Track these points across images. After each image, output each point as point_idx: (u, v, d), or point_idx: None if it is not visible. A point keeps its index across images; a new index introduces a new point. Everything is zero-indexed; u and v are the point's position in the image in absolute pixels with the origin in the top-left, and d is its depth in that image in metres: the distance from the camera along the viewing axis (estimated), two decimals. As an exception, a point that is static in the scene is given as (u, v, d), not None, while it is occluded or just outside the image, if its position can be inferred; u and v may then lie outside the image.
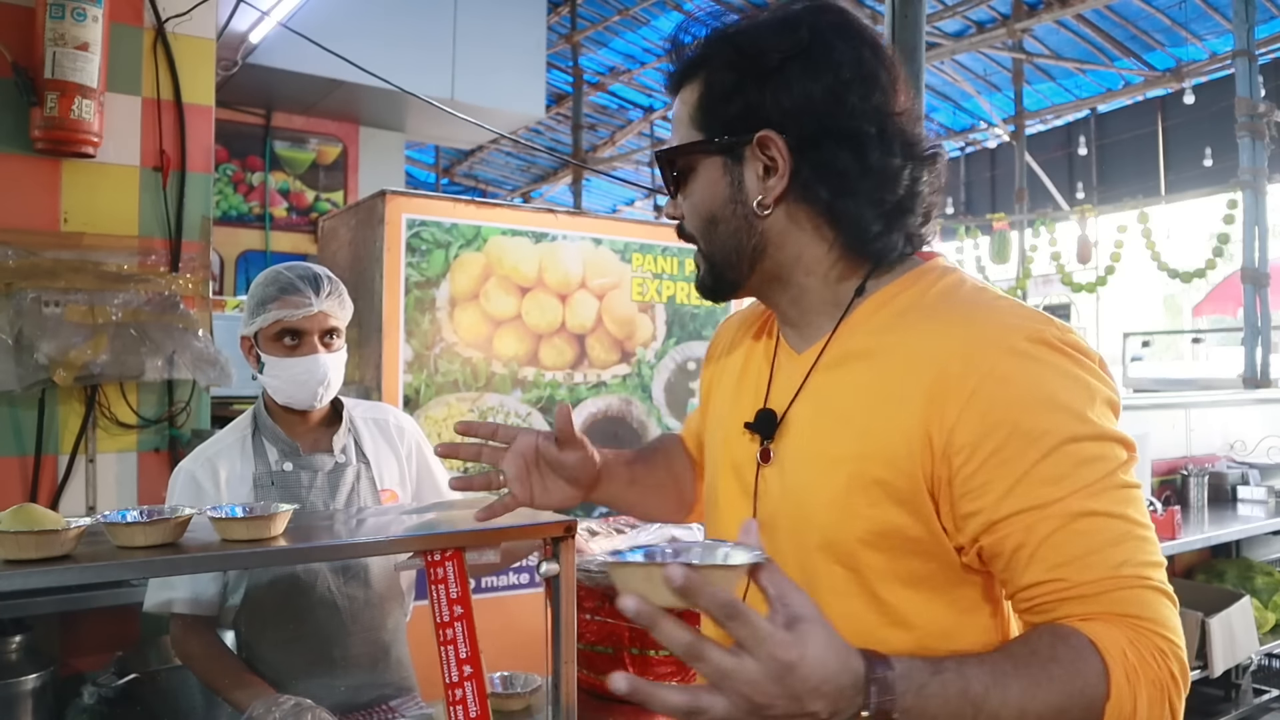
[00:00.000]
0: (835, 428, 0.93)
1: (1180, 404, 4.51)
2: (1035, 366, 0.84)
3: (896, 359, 0.90)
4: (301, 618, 1.77)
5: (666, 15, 10.50)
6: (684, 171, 0.99)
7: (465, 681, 1.35)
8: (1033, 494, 0.82)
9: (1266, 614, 3.97)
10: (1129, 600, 0.80)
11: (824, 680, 0.70)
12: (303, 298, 1.77)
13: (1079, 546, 0.81)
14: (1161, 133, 11.38)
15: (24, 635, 2.21)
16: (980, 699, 0.75)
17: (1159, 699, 0.78)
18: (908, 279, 0.97)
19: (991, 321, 0.88)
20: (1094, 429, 0.83)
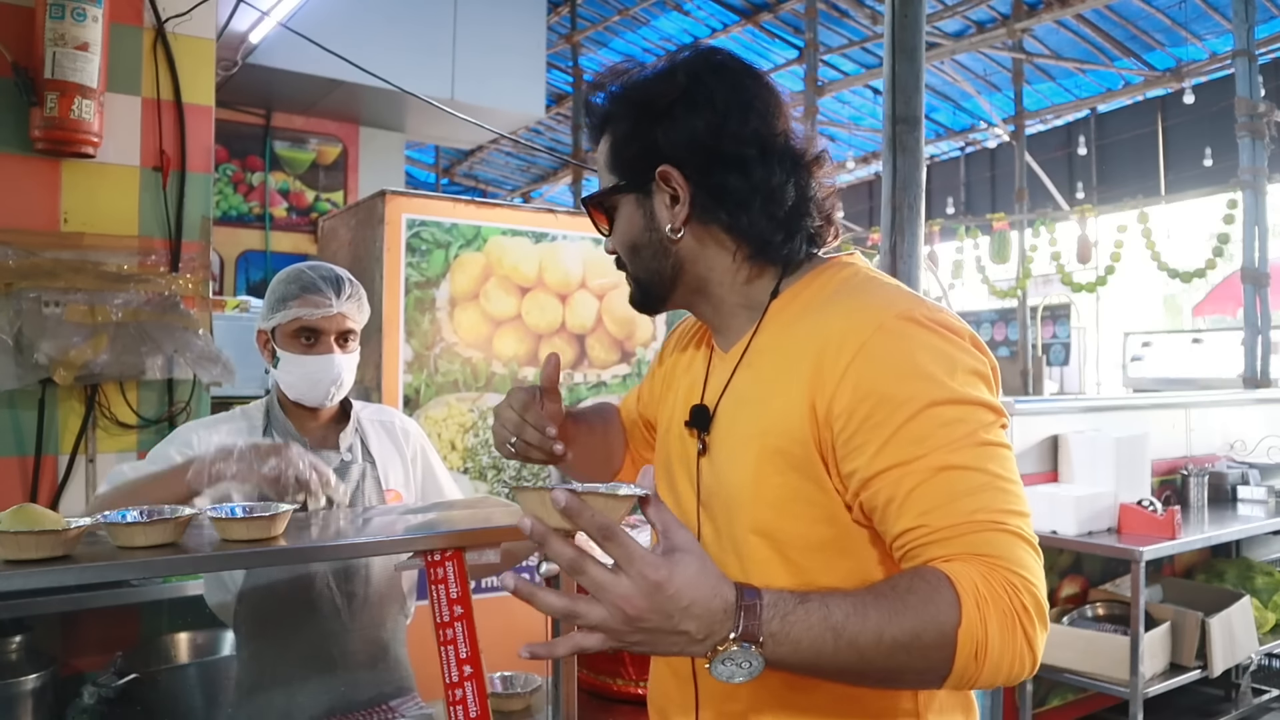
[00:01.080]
0: (746, 412, 1.06)
1: (1180, 404, 4.51)
2: (901, 341, 0.95)
3: (792, 345, 1.03)
4: (302, 616, 1.78)
5: (666, 15, 10.52)
6: (609, 211, 1.14)
7: (465, 681, 1.35)
8: (899, 452, 0.91)
9: (1266, 614, 3.96)
10: (983, 542, 0.88)
11: (693, 602, 0.81)
12: (324, 298, 1.79)
13: (940, 496, 0.90)
14: (1161, 133, 11.38)
15: (24, 635, 2.21)
16: (840, 625, 0.84)
17: (1010, 626, 0.85)
18: (810, 277, 1.10)
19: (867, 304, 1.00)
20: (954, 394, 0.92)
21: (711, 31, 10.57)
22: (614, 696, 1.90)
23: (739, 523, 1.04)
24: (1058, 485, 3.79)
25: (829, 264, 1.11)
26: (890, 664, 0.85)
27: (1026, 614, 0.86)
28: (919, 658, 0.85)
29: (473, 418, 2.96)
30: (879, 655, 0.84)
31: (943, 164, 13.66)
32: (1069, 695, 3.89)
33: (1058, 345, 11.20)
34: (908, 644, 0.84)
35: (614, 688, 1.90)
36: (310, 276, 1.81)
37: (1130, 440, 3.77)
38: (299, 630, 1.78)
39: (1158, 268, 8.38)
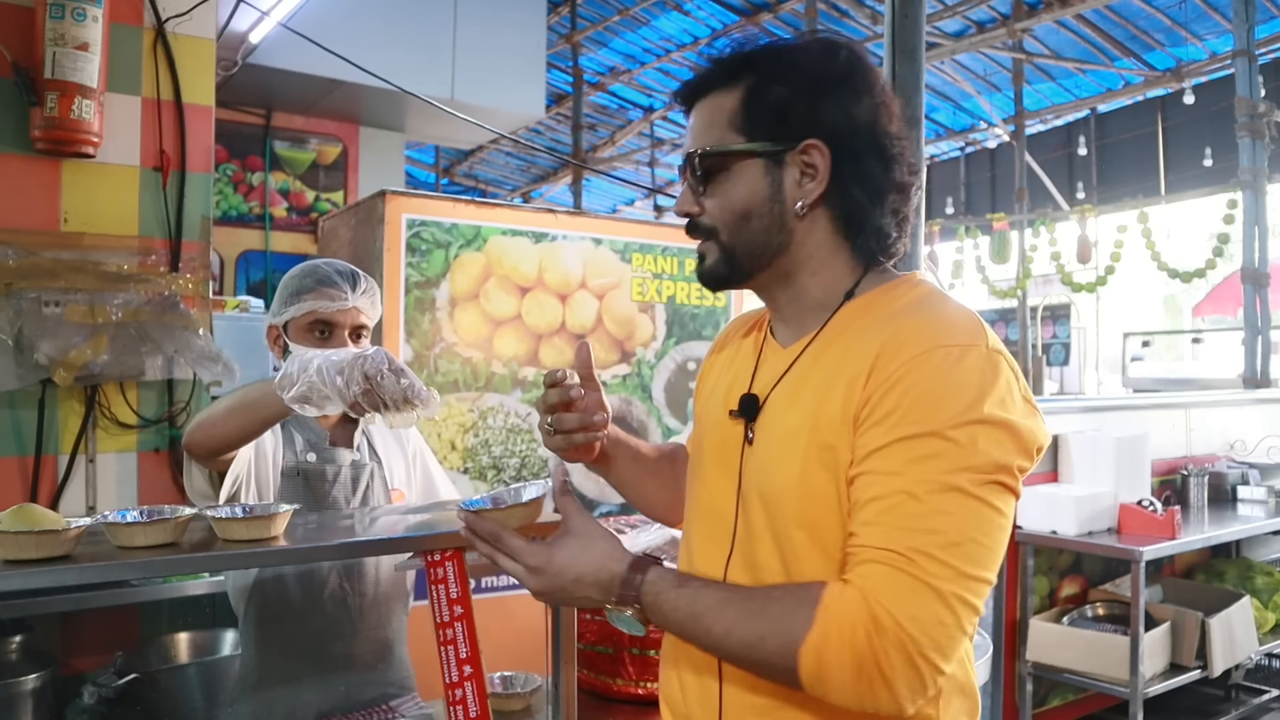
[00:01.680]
0: (799, 407, 1.06)
1: (1180, 404, 4.51)
2: (944, 372, 0.96)
3: (852, 348, 1.04)
4: (309, 614, 1.78)
5: (666, 15, 10.51)
6: (715, 170, 1.08)
7: (465, 681, 1.35)
8: (884, 462, 0.95)
9: (1266, 614, 3.96)
10: (871, 573, 0.91)
11: (581, 573, 1.04)
12: (339, 291, 1.79)
13: (884, 515, 0.93)
14: (1161, 133, 11.38)
15: (24, 635, 2.21)
16: (700, 614, 0.98)
17: (856, 666, 0.89)
18: (886, 288, 1.10)
19: (934, 321, 1.01)
20: (961, 438, 0.93)
21: (712, 31, 10.57)
22: (614, 696, 1.90)
23: (783, 516, 1.04)
24: (1058, 485, 3.79)
25: (906, 278, 1.12)
26: (739, 656, 0.98)
27: (886, 658, 0.88)
28: (764, 657, 0.95)
29: (472, 418, 2.96)
30: (729, 646, 0.97)
31: (943, 164, 13.66)
32: (1069, 695, 3.89)
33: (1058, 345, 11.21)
34: (753, 645, 0.95)
35: (614, 688, 1.90)
36: (325, 270, 1.82)
37: (1130, 440, 3.77)
38: (307, 628, 1.78)
39: (1158, 268, 8.38)
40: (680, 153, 1.13)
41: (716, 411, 1.17)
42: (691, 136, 1.11)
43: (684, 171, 1.11)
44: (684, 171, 1.11)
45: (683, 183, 1.13)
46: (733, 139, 1.07)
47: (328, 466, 1.83)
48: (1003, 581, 3.73)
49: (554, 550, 1.05)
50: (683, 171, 1.12)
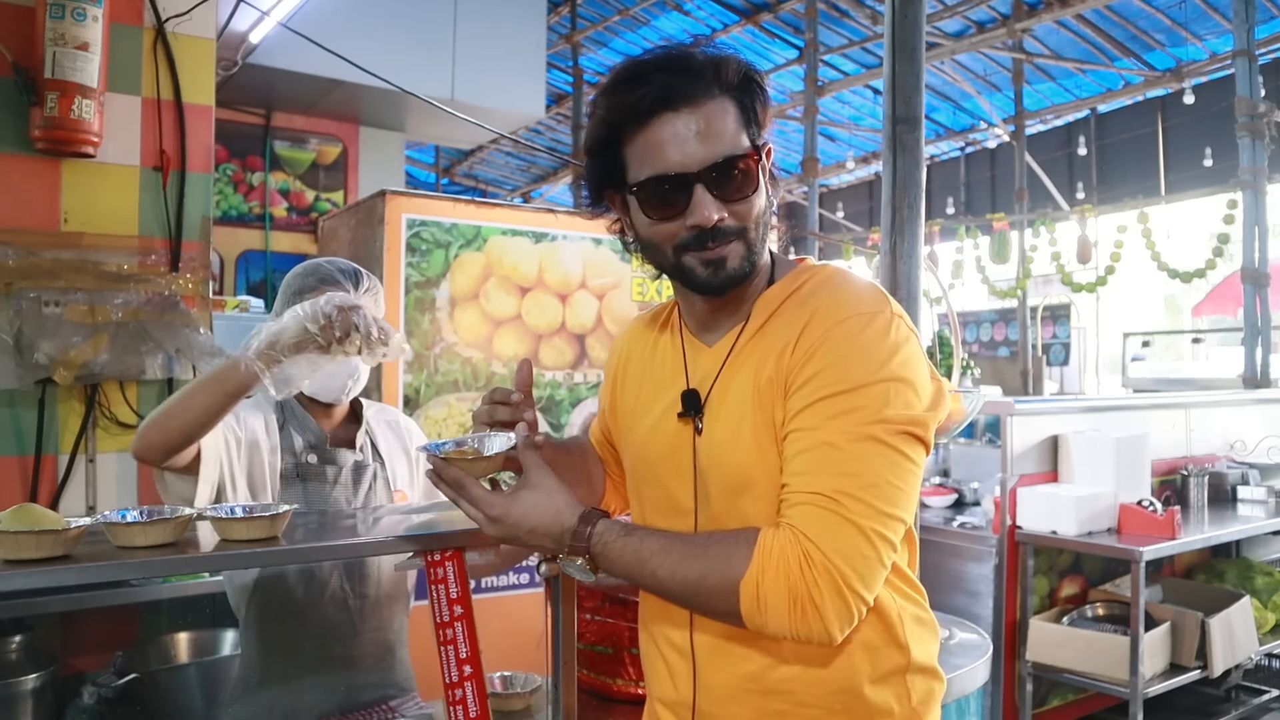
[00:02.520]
0: (739, 391, 1.15)
1: (1180, 404, 4.51)
2: (856, 338, 1.08)
3: (780, 330, 1.14)
4: (311, 615, 1.78)
5: (666, 15, 10.51)
6: (741, 175, 1.13)
7: (465, 681, 1.35)
8: (808, 419, 1.06)
9: (1266, 614, 3.96)
10: (799, 514, 1.03)
11: (535, 526, 1.12)
12: (342, 289, 1.78)
13: (809, 464, 1.04)
14: (1161, 133, 11.37)
15: (24, 635, 2.21)
16: (647, 558, 1.08)
17: (783, 593, 1.00)
18: (794, 275, 1.20)
19: (848, 296, 1.13)
20: (873, 395, 1.05)
21: (712, 31, 10.57)
22: (614, 696, 1.90)
23: (743, 493, 1.13)
24: (1058, 485, 3.79)
25: (805, 267, 1.22)
26: (684, 596, 1.08)
27: (817, 588, 0.99)
28: (706, 596, 1.06)
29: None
30: (674, 586, 1.07)
31: (943, 164, 13.66)
32: (1069, 695, 3.89)
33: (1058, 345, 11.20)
34: (695, 583, 1.05)
35: (614, 688, 1.90)
36: (328, 269, 1.82)
37: (1130, 440, 3.77)
38: (308, 629, 1.77)
39: (1158, 268, 8.37)
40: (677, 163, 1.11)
41: (651, 417, 1.25)
42: (701, 142, 1.10)
43: (703, 177, 1.11)
44: (703, 177, 1.11)
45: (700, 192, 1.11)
46: (744, 144, 1.13)
47: (328, 468, 1.82)
48: (1003, 581, 3.73)
49: (512, 502, 1.12)
50: (701, 178, 1.11)
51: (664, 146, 1.10)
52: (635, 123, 1.12)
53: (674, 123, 1.10)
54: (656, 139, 1.11)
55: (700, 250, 1.13)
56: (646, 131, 1.11)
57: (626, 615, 1.86)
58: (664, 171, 1.11)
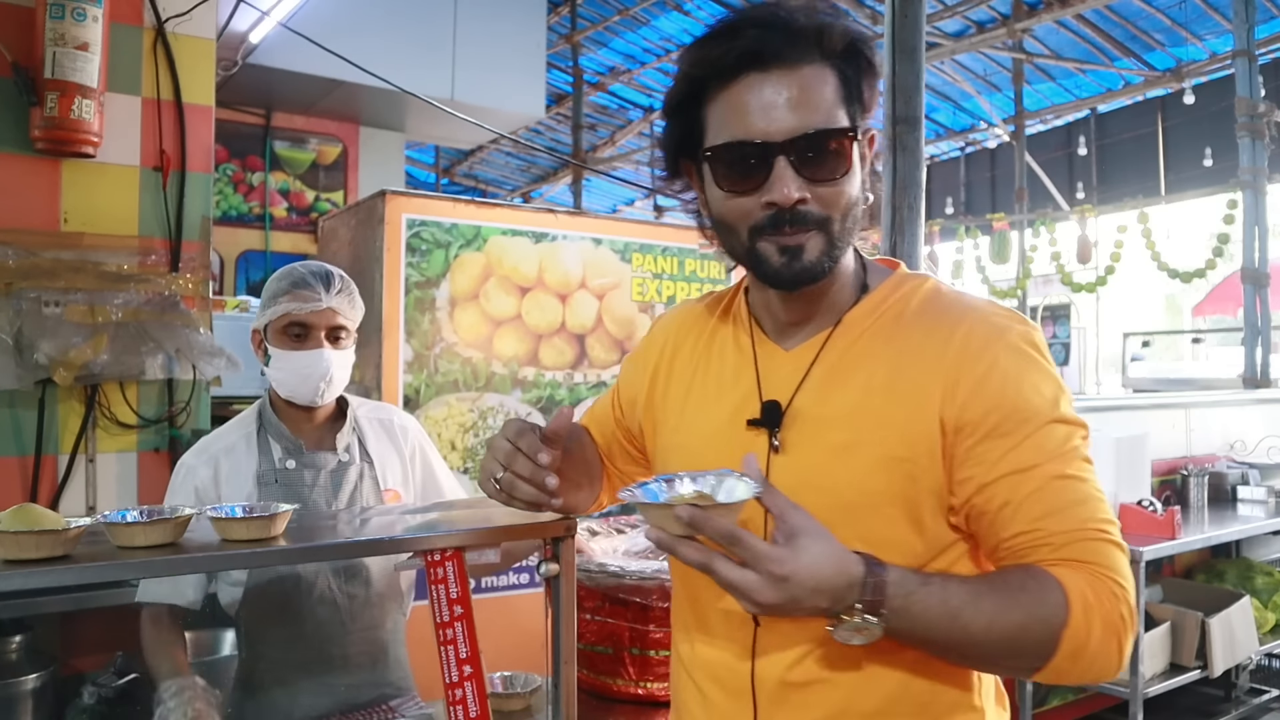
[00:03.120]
0: (853, 419, 1.02)
1: (1180, 404, 4.51)
2: (1028, 362, 1.00)
3: (906, 357, 1.02)
4: (302, 616, 1.77)
5: (666, 15, 10.51)
6: (828, 153, 0.98)
7: (465, 681, 1.35)
8: (1020, 460, 0.96)
9: (1266, 614, 3.96)
10: (1090, 549, 0.93)
11: (820, 583, 0.87)
12: (312, 293, 1.80)
13: (1055, 502, 0.95)
14: (1161, 133, 11.38)
15: (24, 635, 2.21)
16: (957, 610, 0.90)
17: (1110, 635, 0.91)
18: (890, 284, 1.09)
19: (989, 322, 1.02)
20: (1065, 415, 0.99)
21: (711, 31, 10.57)
22: (614, 696, 1.90)
23: (838, 529, 0.95)
24: (1058, 485, 3.78)
25: (903, 275, 1.11)
26: (994, 651, 0.93)
27: (1124, 623, 0.92)
28: (1021, 650, 0.92)
29: (473, 418, 2.96)
30: (987, 642, 0.91)
31: (943, 164, 13.66)
32: (1069, 695, 3.89)
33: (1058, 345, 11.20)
34: (1014, 636, 0.91)
35: (614, 688, 1.90)
36: (300, 273, 1.82)
37: (1130, 440, 3.77)
38: (300, 631, 1.77)
39: (1158, 268, 8.38)
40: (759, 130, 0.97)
41: (708, 420, 1.11)
42: (790, 109, 0.96)
43: (787, 149, 0.97)
44: (787, 149, 0.97)
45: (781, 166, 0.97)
46: (841, 120, 0.99)
47: (306, 471, 1.82)
48: (1003, 581, 3.72)
49: (798, 554, 0.87)
50: (785, 150, 0.97)
51: (747, 109, 0.97)
52: (719, 80, 0.99)
53: (762, 84, 0.97)
54: (740, 100, 0.98)
55: (776, 234, 0.99)
56: (730, 91, 0.98)
57: (626, 615, 1.86)
58: (744, 138, 0.97)
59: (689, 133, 1.04)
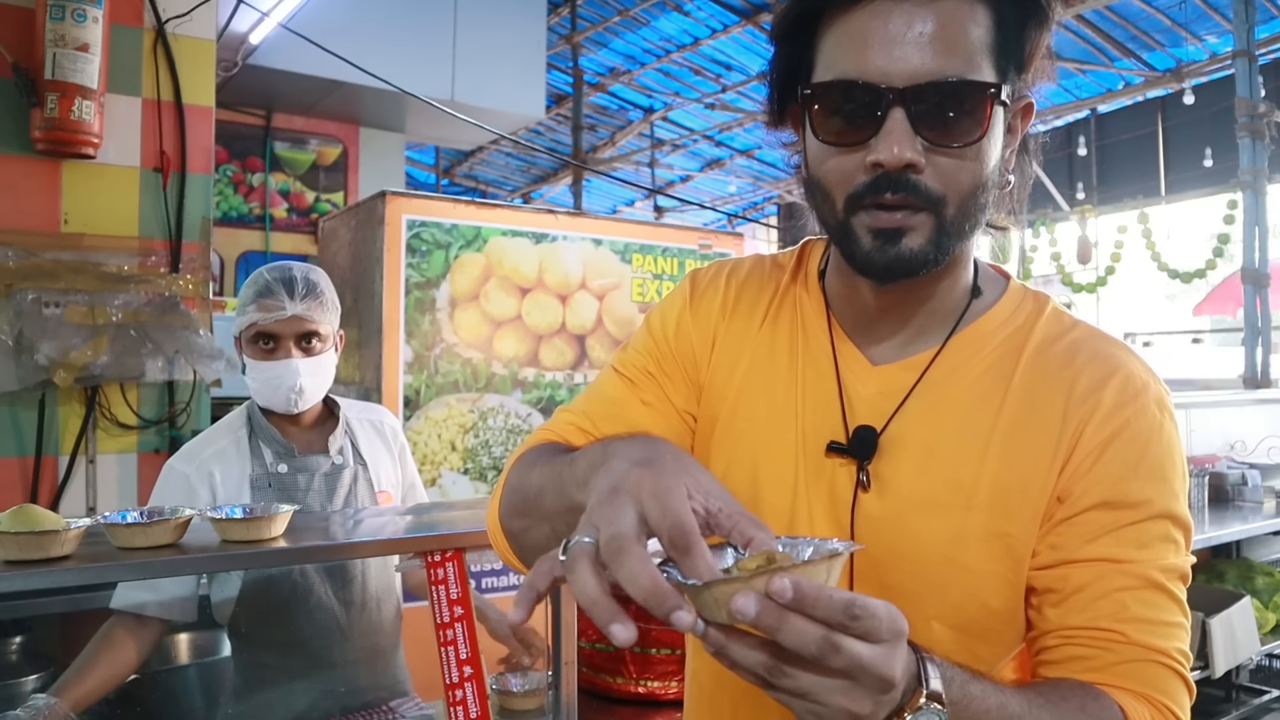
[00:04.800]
0: (960, 471, 0.84)
1: (1180, 404, 4.51)
2: (1158, 435, 0.84)
3: (1033, 411, 0.84)
4: (298, 622, 1.77)
5: (666, 15, 10.51)
6: (968, 114, 0.77)
7: (465, 682, 1.35)
8: (1116, 549, 0.80)
9: (1267, 614, 3.96)
10: (1161, 679, 0.79)
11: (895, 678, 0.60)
12: (276, 301, 1.75)
13: (1146, 612, 0.79)
14: (1161, 133, 11.38)
15: (24, 636, 2.21)
16: (1017, 717, 0.71)
17: None
18: (1010, 300, 0.90)
19: (1129, 378, 0.85)
20: (1180, 512, 0.83)
21: (712, 32, 10.57)
22: (614, 696, 1.90)
23: (920, 599, 0.82)
24: (1058, 485, 3.78)
25: (1018, 289, 0.92)
26: None
27: None
28: None
29: (473, 418, 2.96)
30: None
31: (943, 164, 13.65)
32: (1069, 695, 3.89)
33: (1058, 346, 11.18)
34: None
35: (614, 687, 1.90)
36: (265, 280, 1.78)
37: (1130, 440, 3.76)
38: (296, 637, 1.77)
39: (1158, 268, 8.38)
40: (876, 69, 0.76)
41: (776, 433, 0.89)
42: (919, 47, 0.75)
43: (907, 98, 0.75)
44: (907, 98, 0.75)
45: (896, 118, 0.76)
46: (985, 72, 0.77)
47: (300, 475, 1.81)
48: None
49: (895, 652, 0.59)
50: (904, 99, 0.75)
51: (866, 42, 0.76)
52: (839, 1, 0.78)
53: (890, 12, 0.76)
54: (859, 30, 0.77)
55: (875, 205, 0.78)
56: (850, 17, 0.78)
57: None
58: (855, 77, 0.76)
59: (797, 66, 0.83)
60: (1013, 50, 0.80)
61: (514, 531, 0.87)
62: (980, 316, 0.88)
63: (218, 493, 1.76)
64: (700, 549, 0.57)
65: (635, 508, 0.59)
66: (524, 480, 0.84)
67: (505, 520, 0.88)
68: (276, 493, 1.77)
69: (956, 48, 0.76)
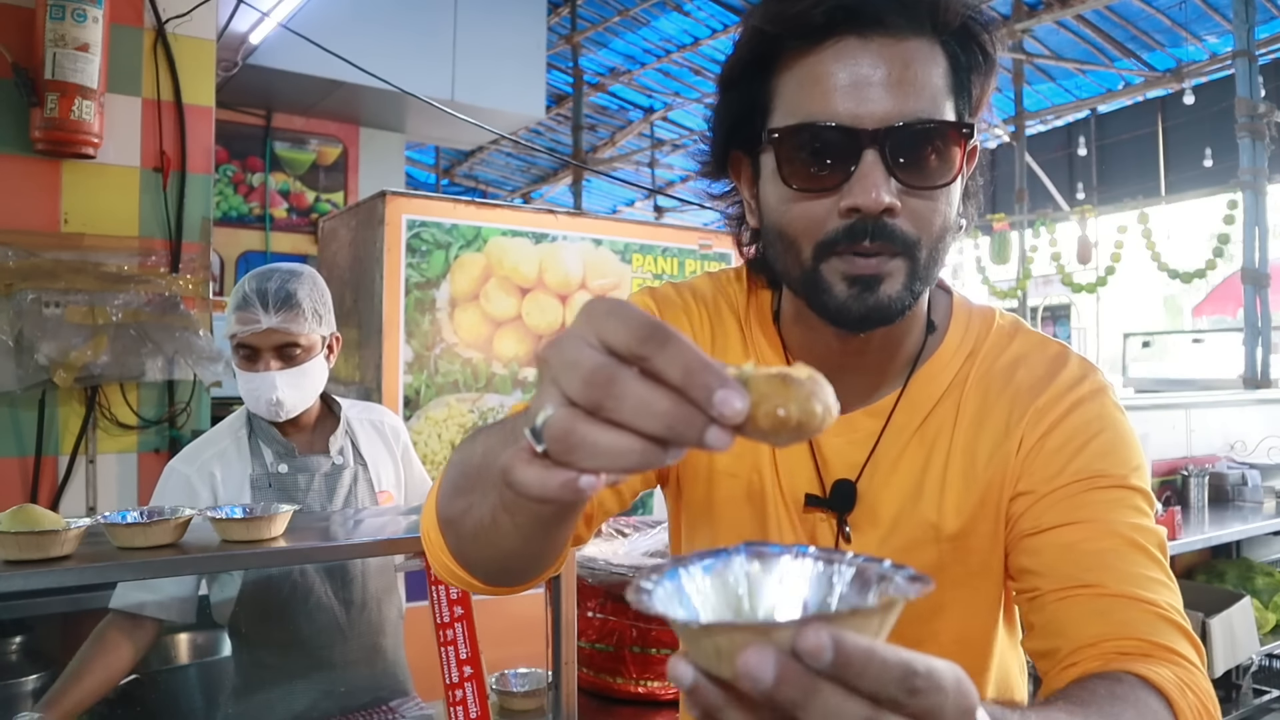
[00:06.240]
0: (932, 499, 0.84)
1: (1180, 404, 4.51)
2: (1103, 417, 0.84)
3: (988, 422, 0.85)
4: (298, 622, 1.77)
5: (666, 16, 10.51)
6: (939, 155, 0.76)
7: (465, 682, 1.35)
8: (1083, 512, 0.78)
9: (1267, 614, 3.96)
10: (1181, 640, 0.74)
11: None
12: (251, 314, 1.74)
13: (1127, 566, 0.76)
14: (1161, 133, 11.38)
15: (24, 636, 2.21)
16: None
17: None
18: (959, 324, 0.90)
19: (1067, 374, 0.86)
20: (1140, 485, 0.82)
21: (712, 32, 10.57)
22: (614, 696, 1.90)
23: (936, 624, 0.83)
24: (1058, 485, 3.78)
25: (965, 307, 0.92)
26: None
27: None
28: None
29: (473, 418, 2.96)
30: None
31: (943, 164, 13.64)
32: (1069, 696, 3.88)
33: (1058, 346, 11.18)
34: None
35: (614, 687, 1.90)
36: (245, 291, 1.76)
37: (1130, 440, 3.76)
38: (296, 637, 1.77)
39: (1158, 268, 8.38)
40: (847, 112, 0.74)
41: (745, 489, 0.88)
42: (890, 90, 0.74)
43: (881, 140, 0.74)
44: (881, 140, 0.74)
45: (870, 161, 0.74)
46: (949, 113, 0.77)
47: (300, 475, 1.81)
48: (1003, 582, 3.72)
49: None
50: (879, 141, 0.74)
51: (833, 83, 0.74)
52: (800, 40, 0.76)
53: (857, 53, 0.74)
54: (825, 70, 0.75)
55: (850, 252, 0.76)
56: (813, 58, 0.75)
57: (628, 613, 1.86)
58: (823, 119, 0.74)
59: (748, 112, 0.80)
60: (966, 93, 0.80)
61: (452, 518, 0.75)
62: (935, 352, 0.88)
63: (219, 493, 1.76)
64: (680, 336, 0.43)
65: (592, 333, 0.44)
66: (468, 452, 0.74)
67: (444, 508, 0.77)
68: (277, 493, 1.77)
69: (924, 89, 0.75)
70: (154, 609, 1.69)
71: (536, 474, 0.45)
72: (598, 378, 0.42)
